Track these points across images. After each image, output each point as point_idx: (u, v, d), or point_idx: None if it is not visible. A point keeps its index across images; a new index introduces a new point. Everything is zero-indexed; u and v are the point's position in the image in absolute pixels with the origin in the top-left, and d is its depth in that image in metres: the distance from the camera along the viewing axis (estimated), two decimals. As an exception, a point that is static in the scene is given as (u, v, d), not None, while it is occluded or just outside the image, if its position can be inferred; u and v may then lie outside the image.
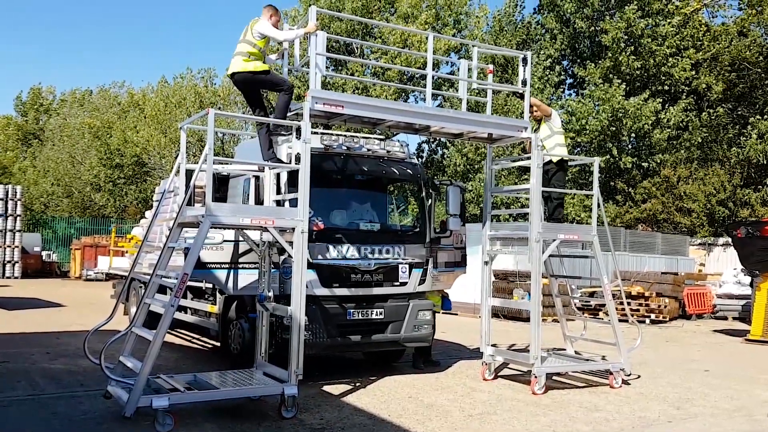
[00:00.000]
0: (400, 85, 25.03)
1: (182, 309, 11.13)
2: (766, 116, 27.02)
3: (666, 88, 28.76)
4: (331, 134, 9.18)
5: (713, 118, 28.81)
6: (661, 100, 28.08)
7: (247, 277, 8.41)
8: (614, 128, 26.89)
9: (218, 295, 9.96)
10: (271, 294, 7.90)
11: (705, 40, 29.04)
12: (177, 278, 6.74)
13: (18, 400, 7.51)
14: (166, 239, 7.35)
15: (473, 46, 9.34)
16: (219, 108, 34.58)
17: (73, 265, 32.06)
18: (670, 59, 27.73)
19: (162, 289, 9.02)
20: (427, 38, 8.91)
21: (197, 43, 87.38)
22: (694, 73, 28.42)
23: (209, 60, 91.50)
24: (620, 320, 9.73)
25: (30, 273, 30.82)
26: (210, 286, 9.88)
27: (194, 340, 12.37)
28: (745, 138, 27.75)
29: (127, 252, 16.99)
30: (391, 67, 14.86)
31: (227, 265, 8.41)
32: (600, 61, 28.05)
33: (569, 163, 10.32)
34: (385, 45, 26.68)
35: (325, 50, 8.11)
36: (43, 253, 33.56)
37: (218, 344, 10.56)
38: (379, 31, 28.40)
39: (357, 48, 27.91)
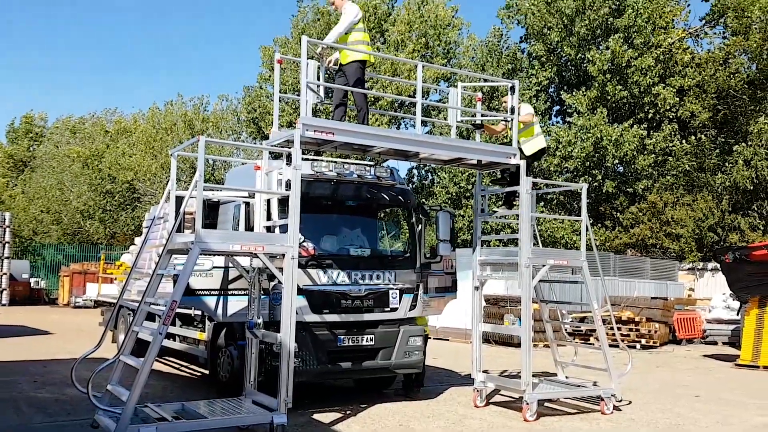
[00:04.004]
0: (391, 112, 25.27)
1: (171, 336, 11.05)
2: (750, 143, 27.33)
3: (651, 115, 29.12)
4: (322, 160, 9.23)
5: (698, 145, 29.14)
6: (645, 126, 28.40)
7: (236, 304, 8.38)
8: (598, 155, 27.17)
9: (207, 322, 9.90)
10: (260, 321, 7.88)
11: (690, 68, 29.48)
12: (166, 305, 6.71)
13: (4, 429, 7.40)
14: (155, 266, 7.33)
15: (460, 76, 9.47)
16: (210, 135, 34.70)
17: (62, 292, 31.77)
18: (655, 88, 28.13)
19: (151, 317, 8.97)
20: (416, 67, 9.02)
21: (191, 69, 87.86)
22: (678, 100, 28.81)
23: (202, 88, 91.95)
24: (611, 345, 9.74)
25: (18, 300, 30.49)
26: (199, 313, 9.83)
27: (183, 368, 12.25)
28: (730, 165, 28.05)
29: (116, 279, 16.90)
30: (381, 96, 14.92)
31: (216, 292, 8.38)
32: (587, 91, 28.40)
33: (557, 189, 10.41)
34: (376, 73, 26.94)
35: (317, 78, 8.22)
36: (32, 280, 33.25)
37: (207, 372, 10.47)
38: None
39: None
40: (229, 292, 8.40)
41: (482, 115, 10.33)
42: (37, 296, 32.90)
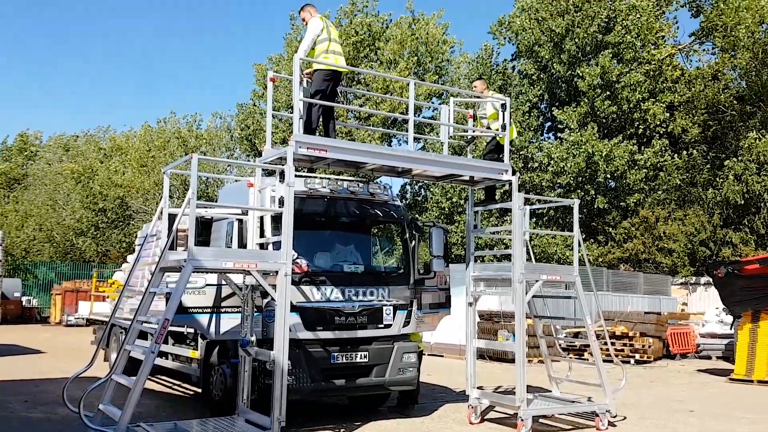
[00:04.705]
0: (384, 129, 25.38)
1: (163, 355, 10.97)
2: (740, 158, 27.56)
3: (641, 131, 29.33)
4: (315, 177, 9.26)
5: (689, 160, 29.36)
6: (635, 142, 28.61)
7: (229, 322, 8.35)
8: (590, 170, 27.33)
9: (200, 340, 9.85)
10: (253, 338, 7.84)
11: (680, 84, 29.76)
12: (158, 324, 6.69)
13: (-7, 450, 7.33)
14: (148, 284, 7.31)
15: (452, 94, 9.56)
16: (204, 152, 34.74)
17: (54, 311, 31.55)
18: (645, 103, 28.35)
19: (143, 335, 8.93)
20: (408, 84, 9.10)
21: (185, 87, 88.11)
22: (668, 116, 29.04)
23: (195, 105, 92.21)
24: (605, 361, 9.74)
25: (9, 319, 30.24)
26: (192, 331, 9.79)
27: (175, 387, 12.16)
28: (721, 180, 28.25)
29: (108, 297, 16.80)
30: (374, 113, 14.99)
31: (209, 310, 8.35)
32: (577, 107, 28.60)
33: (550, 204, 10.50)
34: (369, 91, 27.12)
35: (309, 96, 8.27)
36: (24, 299, 33.03)
37: (200, 390, 10.40)
38: (363, 78, 28.90)
39: (341, 93, 28.33)
40: (222, 310, 8.37)
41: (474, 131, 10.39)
42: (29, 315, 32.65)
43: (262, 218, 8.35)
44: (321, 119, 8.54)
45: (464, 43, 46.56)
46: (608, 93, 28.14)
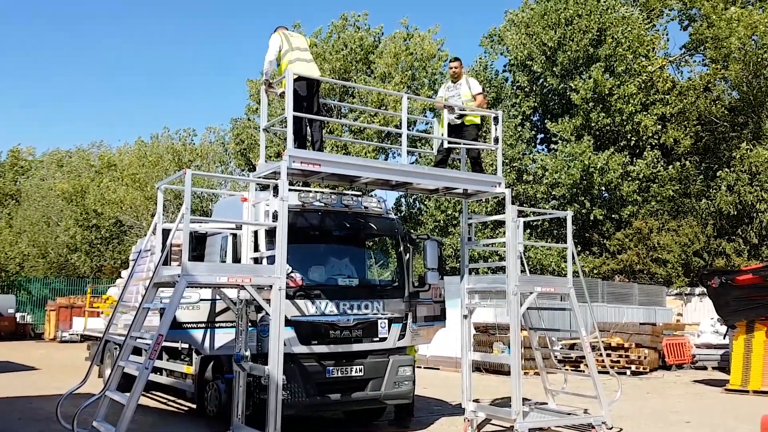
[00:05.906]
0: (377, 143, 25.44)
1: (157, 370, 10.93)
2: (733, 168, 27.69)
3: (633, 142, 29.47)
4: (309, 191, 9.28)
5: (681, 171, 29.48)
6: (627, 153, 28.75)
7: (223, 337, 8.34)
8: (586, 182, 27.42)
9: (194, 355, 9.82)
10: (248, 353, 7.83)
11: (672, 96, 29.95)
12: (152, 339, 6.67)
13: (-14, 469, 7.27)
14: (142, 299, 7.30)
15: (444, 107, 9.61)
16: (198, 167, 34.73)
17: (48, 327, 31.37)
18: (638, 116, 28.50)
19: (137, 351, 8.89)
20: (402, 98, 9.16)
21: (178, 101, 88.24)
22: (660, 127, 29.19)
23: (188, 120, 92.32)
24: (601, 372, 9.74)
25: (3, 335, 30.08)
26: (186, 346, 9.76)
27: (170, 403, 12.09)
28: (714, 190, 28.37)
29: (102, 313, 16.73)
30: (368, 127, 15.11)
31: (204, 325, 8.34)
32: (571, 119, 28.73)
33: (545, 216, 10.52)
34: (363, 104, 27.19)
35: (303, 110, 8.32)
36: (17, 315, 32.85)
37: (194, 406, 10.36)
38: (357, 91, 29.00)
39: (335, 107, 28.45)
40: (217, 325, 8.36)
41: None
42: (23, 331, 32.44)
43: (256, 233, 8.36)
44: (307, 126, 8.61)
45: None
46: (601, 105, 28.30)
